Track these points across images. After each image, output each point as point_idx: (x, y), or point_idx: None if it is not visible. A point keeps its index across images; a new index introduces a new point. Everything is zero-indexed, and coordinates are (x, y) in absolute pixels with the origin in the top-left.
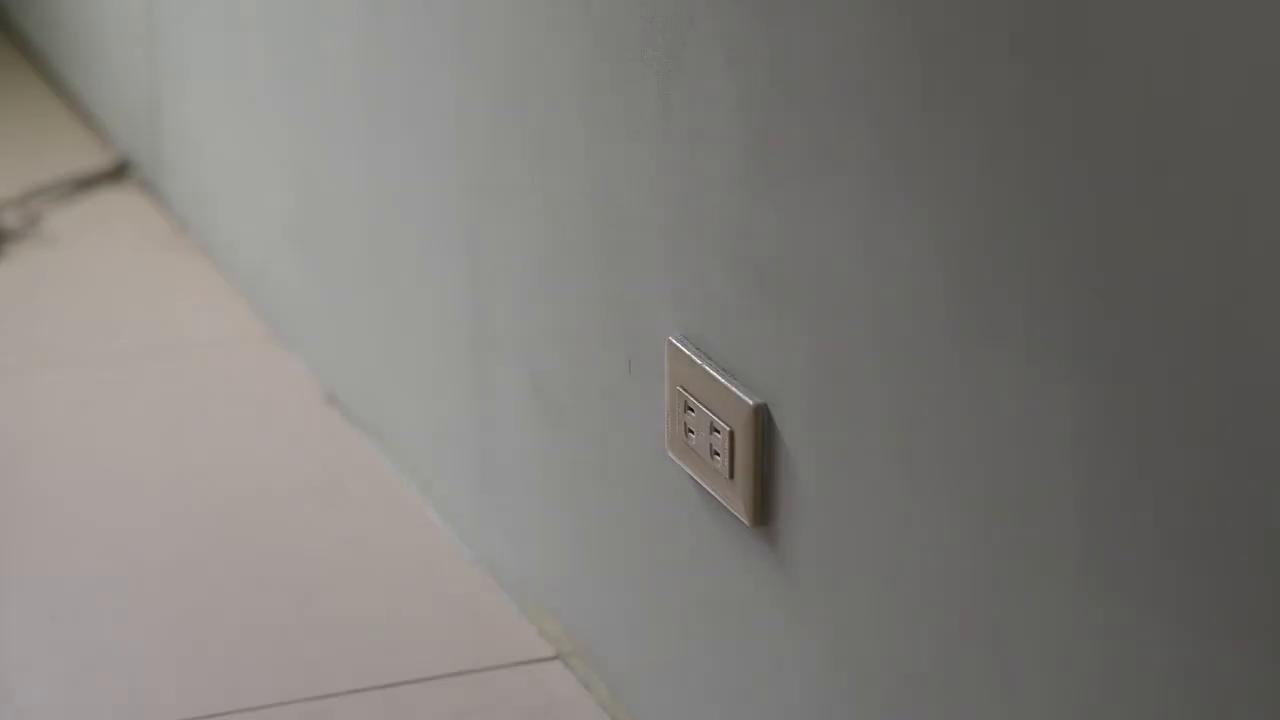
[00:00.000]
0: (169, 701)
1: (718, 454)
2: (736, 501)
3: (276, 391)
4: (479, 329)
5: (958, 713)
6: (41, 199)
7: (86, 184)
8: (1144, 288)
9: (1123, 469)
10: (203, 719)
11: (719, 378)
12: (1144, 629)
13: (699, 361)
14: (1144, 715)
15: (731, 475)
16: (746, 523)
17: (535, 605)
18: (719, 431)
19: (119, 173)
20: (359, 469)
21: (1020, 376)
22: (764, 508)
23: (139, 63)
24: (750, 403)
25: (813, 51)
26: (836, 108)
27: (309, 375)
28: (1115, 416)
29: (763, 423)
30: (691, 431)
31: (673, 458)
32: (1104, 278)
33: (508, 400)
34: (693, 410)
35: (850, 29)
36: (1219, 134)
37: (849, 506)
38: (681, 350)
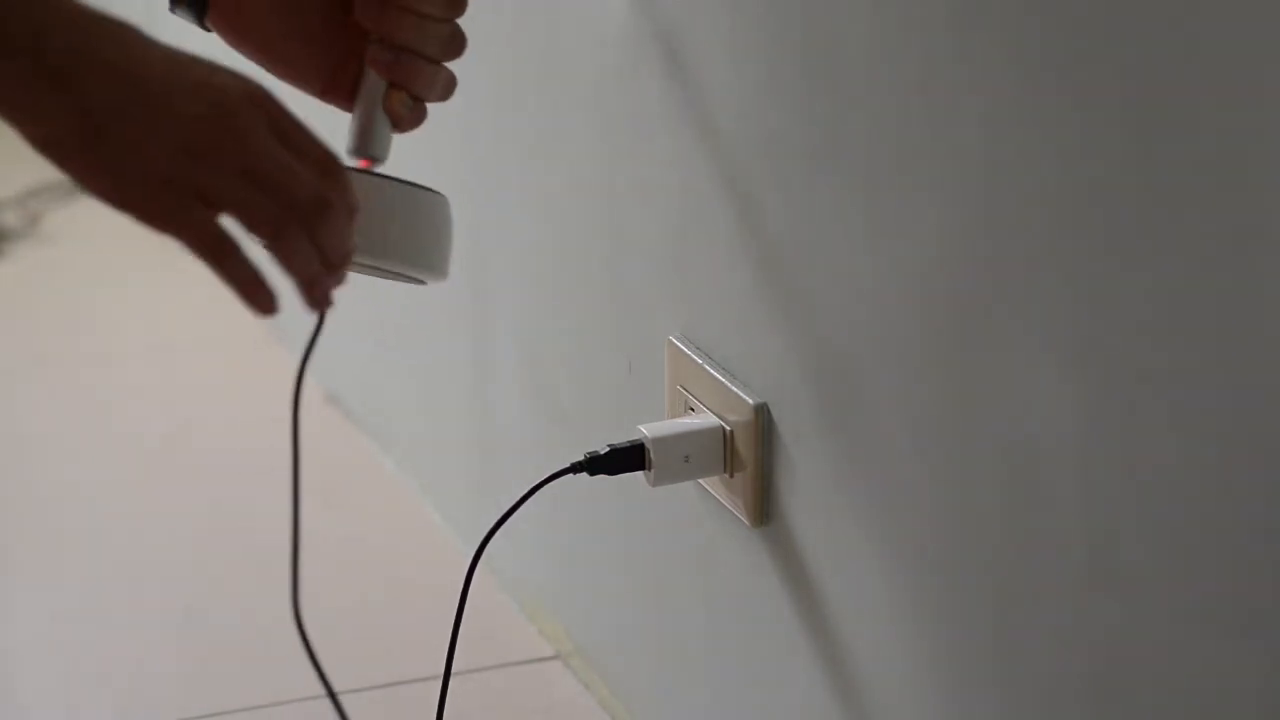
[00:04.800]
0: (169, 701)
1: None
2: (737, 501)
3: (276, 391)
4: (479, 329)
5: (959, 713)
6: (41, 199)
7: None
8: (1145, 288)
9: (1124, 468)
10: (202, 718)
11: (719, 377)
12: (1145, 628)
13: (699, 361)
14: (1144, 714)
15: (732, 475)
16: (747, 523)
17: (535, 605)
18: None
19: None
20: (359, 469)
21: (1020, 376)
22: (764, 508)
23: None
24: (750, 402)
25: (813, 51)
26: (836, 107)
27: (309, 375)
28: (1116, 416)
29: (763, 423)
30: None
31: None
32: (1104, 278)
33: (508, 400)
34: (693, 410)
35: (850, 28)
36: (1220, 132)
37: (849, 506)
38: (681, 350)
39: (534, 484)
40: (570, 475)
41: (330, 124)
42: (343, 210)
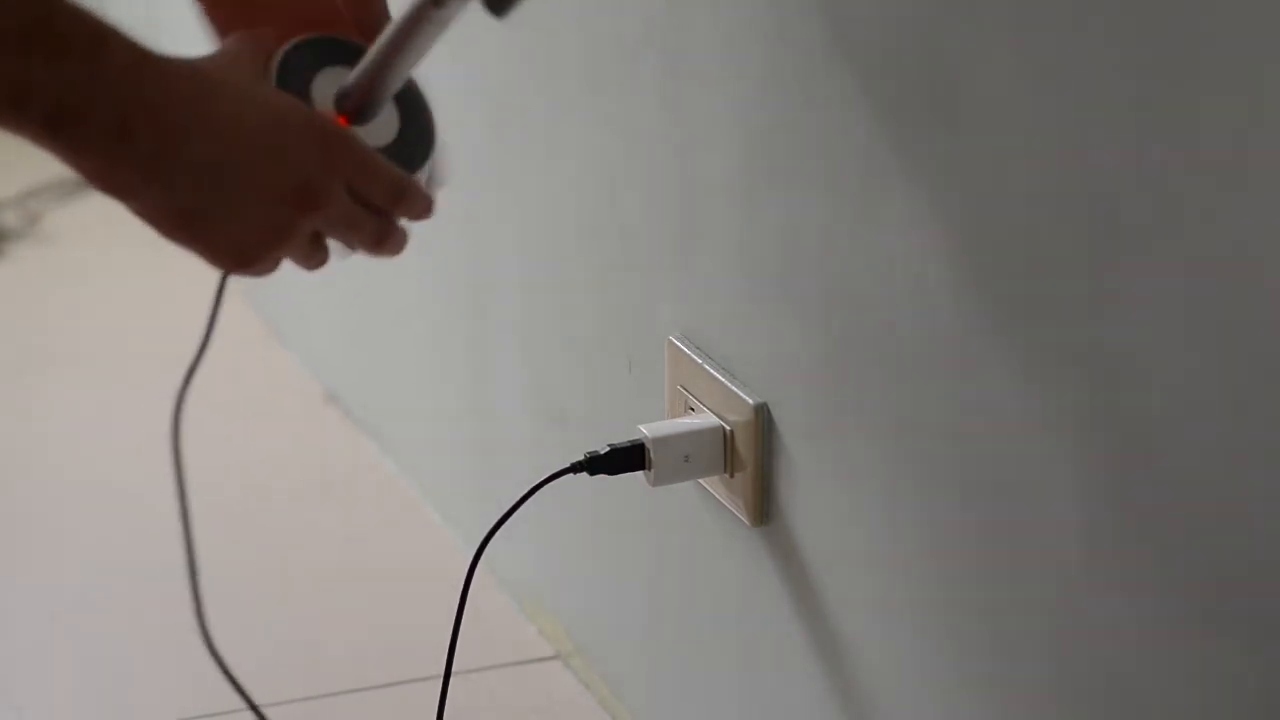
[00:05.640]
0: (169, 701)
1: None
2: (737, 501)
3: (276, 391)
4: (479, 329)
5: (958, 712)
6: (41, 199)
7: (86, 184)
8: (1144, 287)
9: (1123, 468)
10: (202, 718)
11: (719, 377)
12: (1145, 627)
13: (699, 361)
14: (1142, 713)
15: (732, 475)
16: (747, 523)
17: (535, 605)
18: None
19: None
20: (359, 469)
21: (1020, 376)
22: (764, 508)
23: None
24: (750, 402)
25: (812, 51)
26: (836, 108)
27: (309, 375)
28: (1115, 416)
29: (763, 422)
30: None
31: None
32: (1104, 277)
33: (508, 401)
34: (693, 410)
35: (850, 28)
36: (1219, 131)
37: (849, 506)
38: (681, 350)
39: (534, 484)
40: (570, 475)
41: None
42: (399, 237)
